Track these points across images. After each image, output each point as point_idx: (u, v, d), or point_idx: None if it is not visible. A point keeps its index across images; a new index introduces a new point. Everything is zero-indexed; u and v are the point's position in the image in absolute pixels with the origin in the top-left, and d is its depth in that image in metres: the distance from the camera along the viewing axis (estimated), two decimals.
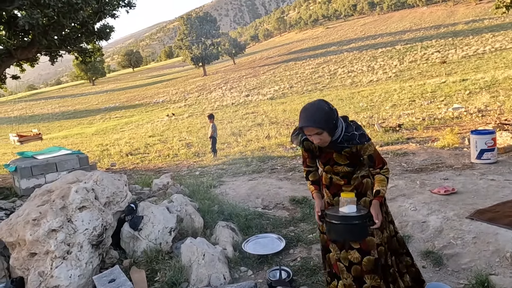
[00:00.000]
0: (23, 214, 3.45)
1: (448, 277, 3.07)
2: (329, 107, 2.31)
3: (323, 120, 2.26)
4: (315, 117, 2.27)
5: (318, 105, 2.32)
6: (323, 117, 2.26)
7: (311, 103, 2.37)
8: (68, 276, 3.23)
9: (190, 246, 3.60)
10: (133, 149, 13.70)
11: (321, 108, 2.29)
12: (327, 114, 2.27)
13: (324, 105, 2.31)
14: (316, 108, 2.30)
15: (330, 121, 2.28)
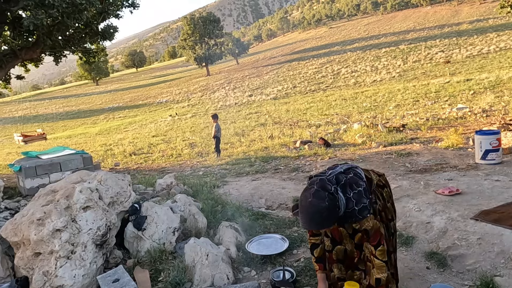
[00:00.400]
0: (28, 214, 3.47)
1: (453, 278, 3.05)
2: (328, 203, 2.16)
3: (323, 222, 2.20)
4: (315, 221, 2.20)
5: (315, 207, 2.16)
6: (323, 219, 2.18)
7: (309, 202, 2.19)
8: (72, 276, 3.24)
9: (194, 246, 3.60)
10: (137, 149, 13.73)
11: (319, 210, 2.16)
12: (326, 214, 2.16)
13: (321, 205, 2.15)
14: (313, 211, 2.18)
15: (331, 217, 2.19)
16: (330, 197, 2.18)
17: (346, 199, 2.26)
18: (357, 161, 6.70)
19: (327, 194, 2.19)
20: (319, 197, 2.18)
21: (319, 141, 9.27)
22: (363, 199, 2.26)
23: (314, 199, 2.18)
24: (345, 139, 9.94)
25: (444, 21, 60.50)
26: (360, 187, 2.30)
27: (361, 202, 2.26)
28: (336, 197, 2.21)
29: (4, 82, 9.98)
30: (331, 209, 2.17)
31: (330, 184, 2.27)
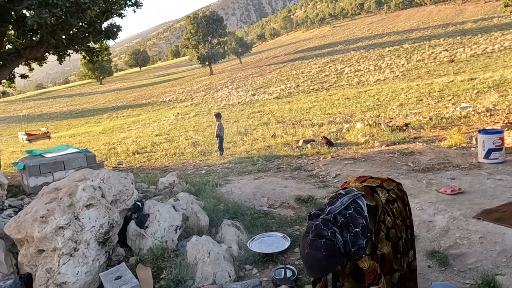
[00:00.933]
0: (31, 212, 3.49)
1: (454, 277, 3.05)
2: (325, 252, 2.13)
3: (325, 269, 2.20)
4: (316, 269, 2.23)
5: (313, 257, 2.15)
6: (323, 267, 2.18)
7: (306, 253, 2.19)
8: (75, 273, 3.26)
9: (196, 244, 3.61)
10: (140, 148, 13.78)
11: (317, 260, 2.15)
12: (326, 262, 2.15)
13: (318, 255, 2.13)
14: (312, 262, 2.18)
15: (332, 263, 2.17)
16: (327, 244, 2.15)
17: (344, 242, 2.23)
18: (360, 160, 6.70)
19: (323, 242, 2.15)
20: (315, 248, 2.15)
21: (322, 140, 9.27)
22: (359, 240, 2.22)
23: (311, 251, 2.16)
24: (348, 138, 9.93)
25: (448, 20, 60.23)
26: (357, 227, 2.24)
27: (357, 243, 2.22)
28: (334, 241, 2.18)
29: (8, 81, 10.04)
30: (330, 256, 2.16)
31: (326, 229, 2.21)
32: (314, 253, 2.13)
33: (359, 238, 2.21)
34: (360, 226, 2.24)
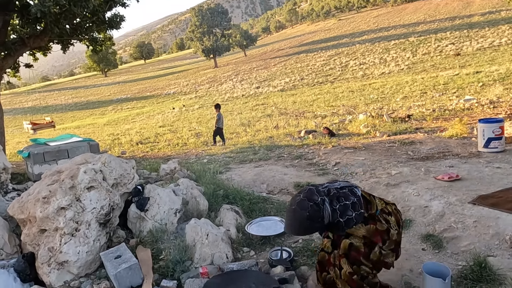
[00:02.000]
0: (34, 193, 3.58)
1: (447, 259, 3.10)
2: (309, 213, 2.27)
3: (302, 230, 2.38)
4: (293, 227, 2.38)
5: (296, 214, 2.31)
6: (301, 227, 2.34)
7: (292, 211, 2.35)
8: (76, 252, 3.34)
9: (194, 227, 3.68)
10: (143, 138, 13.88)
11: (299, 218, 2.30)
12: (306, 224, 2.29)
13: (302, 214, 2.28)
14: (294, 219, 2.34)
15: (311, 227, 2.32)
16: (313, 208, 2.29)
17: (332, 210, 2.33)
18: (360, 149, 6.73)
19: (311, 204, 2.29)
20: (302, 206, 2.31)
21: (324, 130, 9.30)
22: (348, 211, 2.32)
23: (297, 207, 2.32)
24: (350, 129, 9.95)
25: (456, 13, 59.57)
26: (348, 200, 2.35)
27: (346, 214, 2.32)
28: (320, 208, 2.30)
29: (13, 71, 10.13)
30: (313, 219, 2.28)
31: (317, 195, 2.35)
32: (299, 211, 2.29)
33: (349, 210, 2.32)
34: (351, 200, 2.36)
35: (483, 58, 27.15)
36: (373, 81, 25.44)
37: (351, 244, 2.43)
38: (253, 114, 18.06)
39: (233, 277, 2.99)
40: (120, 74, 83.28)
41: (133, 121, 24.34)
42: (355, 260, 2.44)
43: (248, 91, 32.54)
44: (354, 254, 2.43)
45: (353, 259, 2.45)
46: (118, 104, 40.07)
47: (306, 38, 75.48)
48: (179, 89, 43.83)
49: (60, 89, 69.58)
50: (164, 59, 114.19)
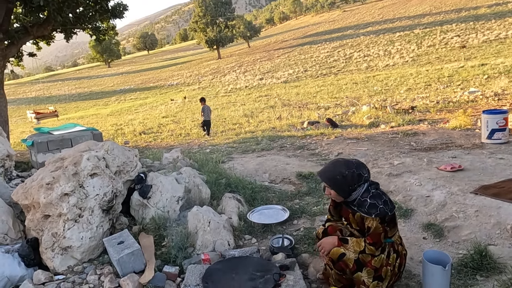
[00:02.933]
0: (38, 179, 3.60)
1: (448, 248, 3.11)
2: (347, 173, 2.43)
3: (333, 180, 2.47)
4: (328, 174, 2.51)
5: (339, 166, 2.49)
6: (335, 179, 2.46)
7: (338, 161, 2.56)
8: (79, 238, 3.38)
9: (197, 214, 3.71)
10: (146, 129, 13.92)
11: (339, 171, 2.46)
12: (340, 178, 2.44)
13: (343, 170, 2.45)
14: (334, 167, 2.51)
15: (341, 185, 2.45)
16: (354, 174, 2.44)
17: (365, 191, 2.46)
18: (363, 140, 6.73)
19: (354, 171, 2.44)
20: (348, 165, 2.49)
21: (326, 121, 9.28)
22: (379, 200, 2.42)
23: (344, 162, 2.52)
24: (353, 120, 9.92)
25: (462, 5, 58.84)
26: (384, 196, 2.46)
27: (376, 199, 2.41)
28: (358, 181, 2.44)
29: (17, 60, 10.14)
30: (344, 182, 2.43)
31: (365, 172, 2.49)
32: (342, 166, 2.47)
33: (380, 199, 2.42)
34: (385, 198, 2.47)
35: (489, 50, 26.90)
36: (377, 73, 25.31)
37: (342, 254, 2.49)
38: (256, 105, 18.04)
39: (234, 263, 3.01)
40: (124, 64, 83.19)
41: (136, 112, 24.37)
42: (341, 269, 2.52)
43: (252, 82, 32.47)
44: (342, 265, 2.50)
45: (340, 268, 2.53)
46: (121, 95, 40.10)
47: (310, 29, 74.95)
48: (182, 80, 43.78)
49: (63, 80, 69.64)
50: (167, 50, 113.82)
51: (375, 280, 2.45)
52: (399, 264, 2.56)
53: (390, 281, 2.56)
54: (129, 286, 2.91)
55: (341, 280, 2.59)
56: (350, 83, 22.41)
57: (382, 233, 2.40)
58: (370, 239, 2.41)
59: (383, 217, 2.38)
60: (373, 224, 2.39)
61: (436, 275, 2.55)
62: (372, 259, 2.44)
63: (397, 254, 2.55)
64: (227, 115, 15.62)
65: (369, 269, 2.44)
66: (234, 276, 2.81)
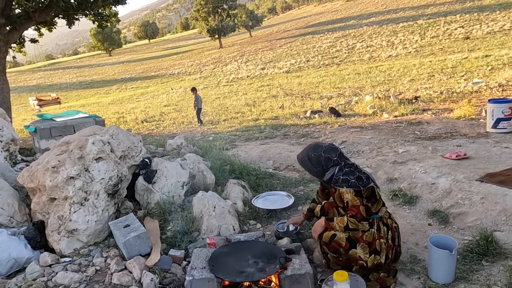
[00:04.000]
0: (43, 162, 3.60)
1: (453, 234, 3.12)
2: (313, 156, 2.67)
3: (302, 163, 2.77)
4: (299, 157, 2.82)
5: (307, 150, 2.75)
6: (303, 161, 2.75)
7: (309, 145, 2.81)
8: (85, 221, 3.39)
9: (202, 199, 3.71)
10: (149, 117, 13.90)
11: (306, 154, 2.74)
12: (307, 161, 2.71)
13: (310, 153, 2.70)
14: (304, 151, 2.79)
15: (308, 166, 2.72)
16: (318, 157, 2.65)
17: (339, 169, 2.60)
18: (367, 128, 6.71)
19: (321, 154, 2.64)
20: (314, 148, 2.72)
21: (329, 110, 9.25)
22: (351, 176, 2.53)
23: (313, 145, 2.78)
24: (356, 110, 9.89)
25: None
26: (358, 173, 2.58)
27: (348, 175, 2.54)
28: (322, 162, 2.63)
29: (19, 46, 10.09)
30: (311, 160, 2.68)
31: (335, 156, 2.64)
32: (309, 151, 2.73)
33: (351, 175, 2.54)
34: (358, 175, 2.57)
35: (493, 42, 26.66)
36: (380, 64, 25.16)
37: (333, 235, 2.57)
38: (258, 95, 17.97)
39: (240, 247, 3.03)
40: (125, 53, 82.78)
41: (138, 101, 24.30)
42: (335, 250, 2.59)
43: (253, 72, 32.30)
44: (335, 245, 2.58)
45: (334, 249, 2.59)
46: (122, 84, 39.96)
47: (312, 19, 74.31)
48: (184, 69, 43.58)
49: (64, 68, 69.35)
50: (168, 39, 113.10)
51: (372, 254, 2.50)
52: (391, 237, 2.62)
53: (388, 255, 2.59)
54: (136, 268, 2.93)
55: (339, 262, 2.63)
56: (352, 74, 22.28)
57: (361, 206, 2.48)
58: (349, 212, 2.51)
59: (357, 191, 2.48)
60: (349, 197, 2.49)
61: (442, 260, 2.56)
62: (363, 235, 2.51)
63: (387, 227, 2.61)
64: (229, 104, 15.58)
65: (363, 244, 2.50)
66: (240, 259, 2.83)
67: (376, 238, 2.51)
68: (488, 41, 27.22)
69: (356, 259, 2.49)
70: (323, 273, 2.92)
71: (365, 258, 2.48)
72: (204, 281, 2.67)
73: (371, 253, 2.49)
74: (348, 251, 2.51)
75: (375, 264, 2.49)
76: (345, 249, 2.51)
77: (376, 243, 2.50)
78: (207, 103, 17.36)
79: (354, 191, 2.47)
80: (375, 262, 2.49)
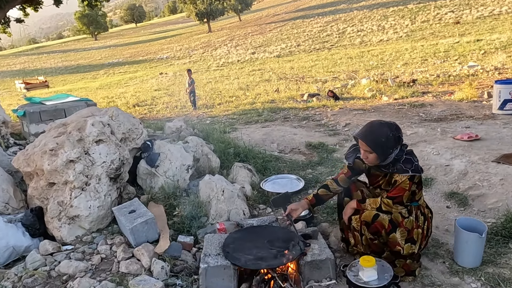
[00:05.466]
0: (40, 145, 3.37)
1: (474, 217, 3.01)
2: (391, 135, 2.27)
3: (376, 143, 2.28)
4: (372, 137, 2.30)
5: (383, 127, 2.31)
6: (378, 141, 2.28)
7: (379, 122, 2.38)
8: (87, 207, 3.19)
9: (209, 182, 3.54)
10: (140, 101, 13.56)
11: (383, 132, 2.28)
12: (384, 141, 2.27)
13: (387, 132, 2.28)
14: (377, 129, 2.31)
15: (384, 148, 2.29)
16: (394, 136, 2.29)
17: (399, 152, 2.36)
18: (369, 111, 6.58)
19: (395, 133, 2.30)
20: (389, 127, 2.31)
21: (328, 93, 9.09)
22: (414, 157, 2.36)
23: (387, 124, 2.34)
24: (354, 93, 9.75)
25: None
26: (415, 157, 2.38)
27: (411, 156, 2.35)
28: (394, 143, 2.30)
29: (3, 26, 9.64)
30: (388, 144, 2.27)
31: (402, 136, 2.37)
32: (385, 128, 2.30)
33: (413, 156, 2.37)
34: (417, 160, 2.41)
35: (483, 26, 26.72)
36: (372, 48, 25.03)
37: (376, 215, 2.38)
38: (251, 79, 17.70)
39: (255, 232, 2.88)
40: (111, 37, 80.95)
41: (127, 85, 23.77)
42: (376, 231, 2.41)
43: (244, 56, 31.89)
44: (378, 226, 2.39)
45: (375, 230, 2.41)
46: (110, 68, 39.12)
47: (302, 3, 73.45)
48: (172, 53, 42.82)
49: (49, 52, 67.56)
50: (156, 23, 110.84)
51: (408, 242, 2.38)
52: (427, 227, 2.50)
53: (421, 245, 2.48)
54: (144, 256, 2.76)
55: (372, 246, 2.48)
56: (345, 58, 22.12)
57: (407, 192, 2.31)
58: (391, 193, 2.34)
59: (412, 176, 2.30)
60: (402, 178, 2.30)
61: (470, 243, 2.45)
62: (403, 220, 2.36)
63: (424, 216, 2.48)
64: (222, 88, 15.29)
65: (403, 229, 2.37)
66: (256, 245, 2.68)
67: (414, 227, 2.38)
68: (478, 26, 27.27)
69: (395, 243, 2.35)
70: (341, 258, 2.80)
71: (402, 245, 2.35)
72: (220, 268, 2.52)
73: (408, 241, 2.36)
74: (389, 234, 2.36)
75: (410, 253, 2.37)
76: (387, 232, 2.36)
77: (414, 232, 2.38)
78: (199, 87, 17.02)
79: (410, 176, 2.29)
80: (410, 251, 2.37)
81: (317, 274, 2.59)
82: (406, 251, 2.36)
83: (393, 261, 2.44)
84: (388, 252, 2.44)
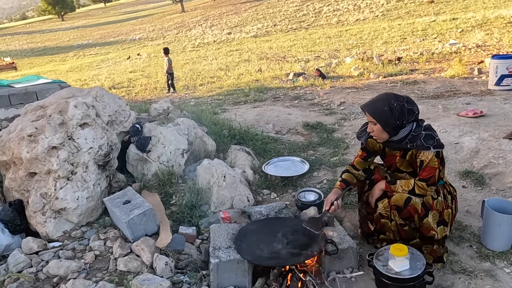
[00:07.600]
0: (16, 130, 2.98)
1: (493, 196, 2.87)
2: (396, 105, 2.10)
3: (379, 112, 2.12)
4: (374, 105, 2.16)
5: (387, 98, 2.15)
6: (381, 110, 2.11)
7: (387, 93, 2.24)
8: (75, 198, 2.85)
9: (208, 168, 3.25)
10: (116, 83, 12.93)
11: (386, 101, 2.12)
12: (387, 110, 2.09)
13: (391, 101, 2.11)
14: (382, 99, 2.17)
15: (388, 118, 2.09)
16: (402, 107, 2.11)
17: (416, 126, 2.17)
18: (362, 89, 6.39)
19: (404, 104, 2.12)
20: (396, 97, 2.15)
21: (315, 72, 8.85)
22: (434, 132, 2.15)
23: (392, 95, 2.17)
24: (339, 72, 9.54)
25: None
26: (435, 133, 2.17)
27: (431, 131, 2.13)
28: (405, 113, 2.11)
29: None
30: (392, 115, 2.08)
31: (415, 111, 2.18)
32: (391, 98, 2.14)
33: (433, 131, 2.16)
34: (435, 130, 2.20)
35: (456, 5, 27.04)
36: (349, 28, 24.88)
37: (409, 198, 2.15)
38: (230, 59, 17.23)
39: (270, 223, 2.62)
40: (79, 18, 77.42)
41: (99, 67, 22.76)
42: (409, 216, 2.18)
43: (220, 37, 31.13)
44: (410, 210, 2.16)
45: (407, 215, 2.18)
46: (79, 50, 37.43)
47: None
48: (145, 34, 41.36)
49: (12, 34, 64.00)
50: (126, 3, 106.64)
51: (440, 225, 2.18)
52: (455, 206, 2.33)
53: (451, 227, 2.30)
54: (145, 251, 2.47)
55: (401, 232, 2.27)
56: (323, 37, 21.87)
57: (437, 169, 2.10)
58: (423, 174, 2.11)
59: (438, 152, 2.10)
60: (428, 156, 2.08)
61: (503, 225, 2.29)
62: (433, 202, 2.16)
63: (451, 195, 2.31)
64: (201, 69, 14.78)
65: (435, 212, 2.16)
66: (272, 238, 2.43)
67: (445, 207, 2.19)
68: (452, 5, 27.56)
69: (429, 228, 2.15)
70: (360, 245, 2.59)
71: (436, 229, 2.15)
72: (233, 262, 2.27)
73: (439, 223, 2.16)
74: (422, 219, 2.15)
75: (443, 236, 2.18)
76: (420, 216, 2.14)
77: (444, 213, 2.18)
78: (176, 68, 16.41)
79: (435, 152, 2.08)
80: (443, 234, 2.17)
81: (338, 265, 2.38)
82: (440, 235, 2.17)
83: (419, 247, 2.25)
84: (418, 238, 2.24)
